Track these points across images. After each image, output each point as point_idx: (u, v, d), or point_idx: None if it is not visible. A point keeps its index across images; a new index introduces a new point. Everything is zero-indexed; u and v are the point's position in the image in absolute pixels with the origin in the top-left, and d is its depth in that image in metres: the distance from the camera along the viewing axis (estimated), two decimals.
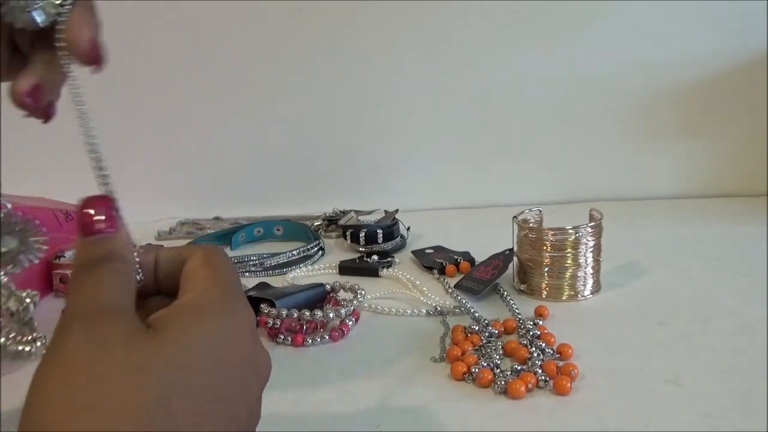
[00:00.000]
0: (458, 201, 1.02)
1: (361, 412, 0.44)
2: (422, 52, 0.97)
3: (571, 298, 0.62)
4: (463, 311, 0.60)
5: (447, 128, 1.00)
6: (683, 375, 0.47)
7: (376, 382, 0.48)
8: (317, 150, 1.02)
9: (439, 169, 1.02)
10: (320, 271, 0.75)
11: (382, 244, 0.78)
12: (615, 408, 0.43)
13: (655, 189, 1.01)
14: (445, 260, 0.73)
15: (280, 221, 0.89)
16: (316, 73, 0.98)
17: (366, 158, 1.02)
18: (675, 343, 0.52)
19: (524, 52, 0.97)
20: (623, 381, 0.46)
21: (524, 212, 0.66)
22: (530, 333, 0.53)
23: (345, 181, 1.02)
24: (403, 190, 1.02)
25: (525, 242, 0.63)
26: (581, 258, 0.61)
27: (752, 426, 0.40)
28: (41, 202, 0.76)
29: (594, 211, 0.64)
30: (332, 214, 0.94)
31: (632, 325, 0.56)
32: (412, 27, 0.96)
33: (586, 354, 0.50)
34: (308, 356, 0.54)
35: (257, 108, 0.99)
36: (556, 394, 0.45)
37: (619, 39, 0.95)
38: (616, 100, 0.98)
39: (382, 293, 0.66)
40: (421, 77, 0.98)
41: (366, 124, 1.01)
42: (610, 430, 0.41)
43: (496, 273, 0.65)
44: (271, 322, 0.56)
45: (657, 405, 0.43)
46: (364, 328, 0.58)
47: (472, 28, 0.96)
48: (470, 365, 0.48)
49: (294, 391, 0.48)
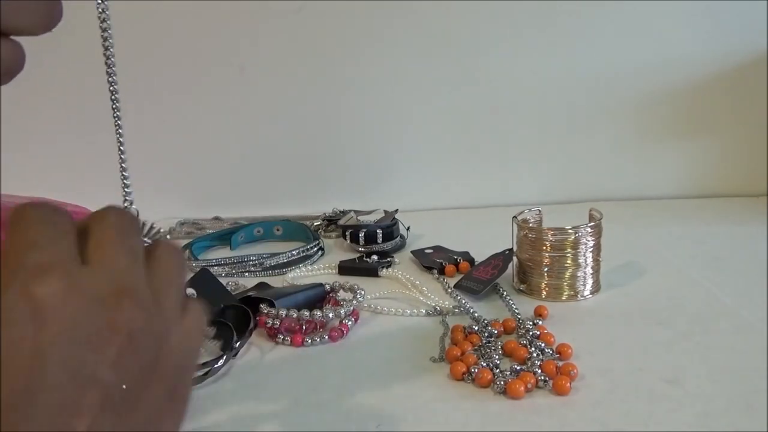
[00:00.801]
0: (458, 201, 1.02)
1: (361, 412, 0.44)
2: (422, 52, 0.97)
3: (570, 298, 0.62)
4: (462, 311, 0.60)
5: (447, 128, 1.00)
6: (683, 375, 0.47)
7: (376, 382, 0.48)
8: (317, 150, 1.02)
9: (439, 169, 1.02)
10: (320, 271, 0.75)
11: (381, 244, 0.78)
12: (614, 408, 0.43)
13: (655, 189, 1.01)
14: (445, 260, 0.72)
15: (279, 221, 0.89)
16: (316, 73, 0.98)
17: (366, 158, 1.02)
18: (674, 343, 0.52)
19: (524, 53, 0.97)
20: (623, 381, 0.46)
21: (524, 212, 0.66)
22: (530, 333, 0.53)
23: (345, 181, 1.02)
24: (403, 190, 1.02)
25: (525, 242, 0.63)
26: (581, 258, 0.61)
27: (752, 426, 0.40)
28: None
29: (594, 211, 0.64)
30: (332, 214, 0.94)
31: (632, 325, 0.56)
32: (412, 27, 0.96)
33: (586, 354, 0.50)
34: (308, 356, 0.53)
35: (257, 108, 0.99)
36: (556, 394, 0.45)
37: (619, 39, 0.95)
38: (616, 100, 0.98)
39: (382, 293, 0.66)
40: (421, 77, 0.98)
41: (366, 124, 1.01)
42: (609, 430, 0.41)
43: (496, 273, 0.65)
44: (270, 322, 0.56)
45: (656, 405, 0.43)
46: (363, 328, 0.58)
47: (473, 28, 0.96)
48: (470, 365, 0.48)
49: (293, 391, 0.48)
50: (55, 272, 0.25)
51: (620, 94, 0.98)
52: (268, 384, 0.49)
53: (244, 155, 1.02)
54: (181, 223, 0.97)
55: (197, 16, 0.95)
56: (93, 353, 0.25)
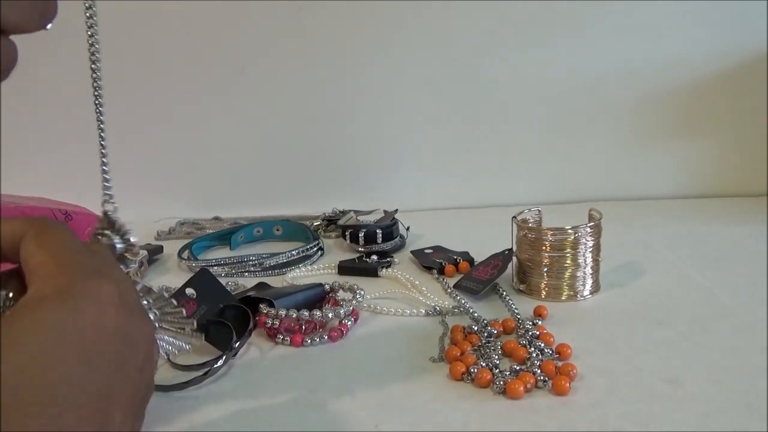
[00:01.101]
0: (457, 201, 1.02)
1: (360, 412, 0.44)
2: (422, 52, 0.97)
3: (570, 298, 0.62)
4: (462, 311, 0.60)
5: (446, 128, 1.00)
6: (682, 375, 0.47)
7: (375, 382, 0.48)
8: (317, 150, 1.02)
9: (439, 169, 1.02)
10: (319, 271, 0.75)
11: (381, 244, 0.78)
12: (614, 408, 0.43)
13: (655, 189, 1.01)
14: (445, 260, 0.72)
15: (279, 221, 0.89)
16: (316, 73, 0.98)
17: (366, 158, 1.02)
18: (674, 343, 0.52)
19: (524, 53, 0.97)
20: (622, 381, 0.46)
21: (523, 212, 0.66)
22: (529, 333, 0.53)
23: (345, 181, 1.02)
24: (403, 190, 1.02)
25: (524, 242, 0.63)
26: (580, 258, 0.61)
27: (752, 426, 0.40)
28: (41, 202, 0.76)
29: (593, 211, 0.64)
30: (331, 214, 0.94)
31: (631, 325, 0.56)
32: (412, 27, 0.96)
33: (585, 354, 0.50)
34: (307, 356, 0.53)
35: (257, 108, 0.99)
36: (555, 394, 0.45)
37: (619, 39, 0.95)
38: (615, 100, 0.98)
39: (382, 293, 0.66)
40: (421, 77, 0.98)
41: (365, 124, 1.01)
42: (609, 430, 0.41)
43: (495, 273, 0.65)
44: (270, 322, 0.56)
45: (656, 405, 0.43)
46: (363, 329, 0.58)
47: (473, 28, 0.96)
48: (469, 365, 0.48)
49: (293, 391, 0.47)
50: (114, 276, 0.29)
51: (620, 94, 0.98)
52: (267, 384, 0.49)
53: (244, 155, 1.02)
54: (181, 223, 0.97)
55: (197, 16, 0.95)
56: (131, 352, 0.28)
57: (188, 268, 0.77)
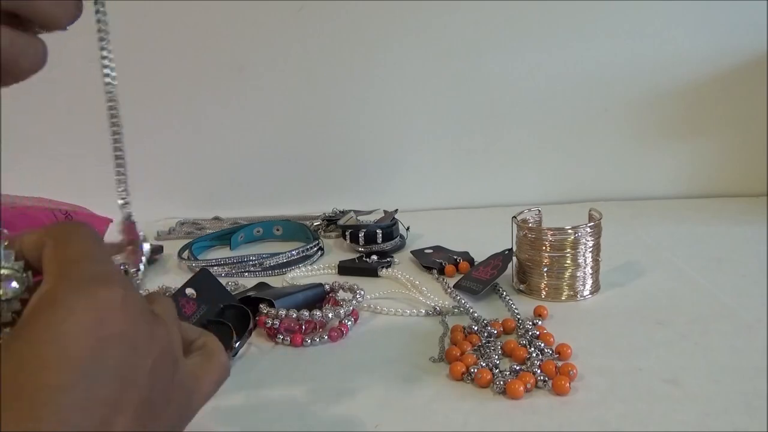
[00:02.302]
0: (457, 201, 1.02)
1: (360, 412, 0.44)
2: (422, 52, 0.97)
3: (570, 298, 0.62)
4: (462, 311, 0.60)
5: (446, 128, 1.00)
6: (682, 375, 0.47)
7: (375, 382, 0.48)
8: (317, 150, 1.02)
9: (439, 169, 1.02)
10: (319, 271, 0.75)
11: (381, 244, 0.78)
12: (614, 408, 0.43)
13: (655, 189, 1.01)
14: (445, 260, 0.72)
15: (279, 221, 0.89)
16: (316, 73, 0.98)
17: (366, 158, 1.02)
18: (674, 343, 0.52)
19: (524, 53, 0.97)
20: (622, 381, 0.46)
21: (523, 212, 0.66)
22: (529, 333, 0.53)
23: (345, 181, 1.02)
24: (403, 190, 1.02)
25: (524, 242, 0.63)
26: (580, 258, 0.61)
27: (752, 426, 0.40)
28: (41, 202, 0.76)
29: (593, 211, 0.64)
30: (331, 214, 0.94)
31: (631, 325, 0.56)
32: (412, 28, 0.96)
33: (585, 354, 0.50)
34: (307, 356, 0.53)
35: (257, 108, 1.00)
36: (555, 394, 0.45)
37: (619, 39, 0.95)
38: (615, 100, 0.98)
39: (382, 293, 0.66)
40: (421, 78, 0.98)
41: (365, 125, 1.01)
42: (608, 430, 0.41)
43: (495, 273, 0.65)
44: (270, 322, 0.56)
45: (656, 405, 0.43)
46: (363, 328, 0.58)
47: (473, 29, 0.96)
48: (469, 365, 0.48)
49: (293, 391, 0.47)
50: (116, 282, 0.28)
51: (620, 94, 0.98)
52: (267, 384, 0.49)
53: (244, 155, 1.02)
54: (181, 223, 0.97)
55: (197, 16, 0.95)
56: (137, 358, 0.28)
57: (188, 268, 0.77)
